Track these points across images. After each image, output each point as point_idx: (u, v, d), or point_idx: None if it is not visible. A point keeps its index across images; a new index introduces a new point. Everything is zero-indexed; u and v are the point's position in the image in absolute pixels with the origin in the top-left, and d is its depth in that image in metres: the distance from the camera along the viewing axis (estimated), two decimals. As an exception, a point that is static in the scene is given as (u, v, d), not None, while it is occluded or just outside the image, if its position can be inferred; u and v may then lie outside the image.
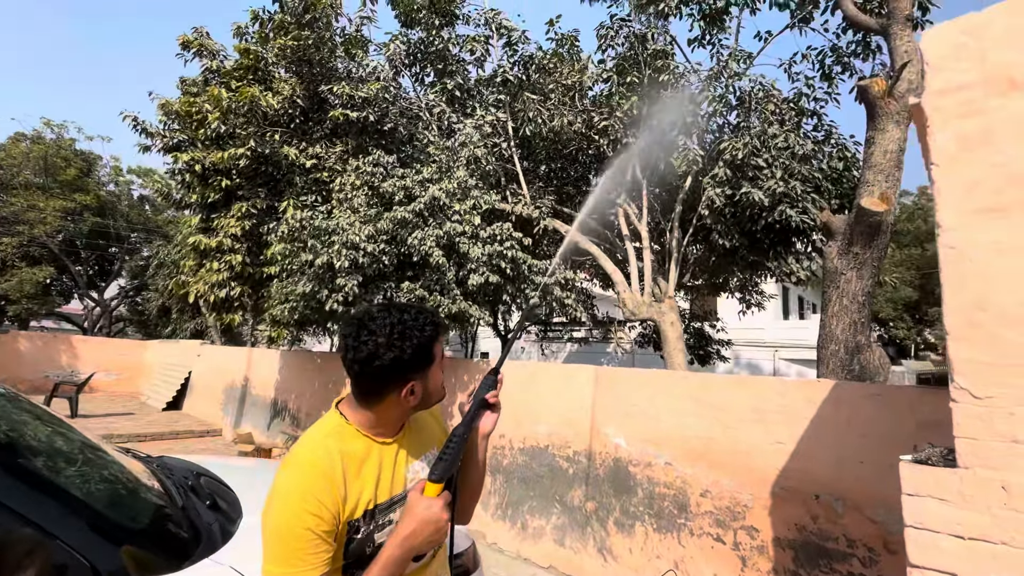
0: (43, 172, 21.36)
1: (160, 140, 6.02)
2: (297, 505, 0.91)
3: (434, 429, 1.30)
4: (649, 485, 3.74)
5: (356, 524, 1.00)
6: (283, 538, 0.90)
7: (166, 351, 14.75)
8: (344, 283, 4.15)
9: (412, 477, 1.14)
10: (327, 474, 0.97)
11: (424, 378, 1.08)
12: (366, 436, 1.07)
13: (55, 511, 1.08)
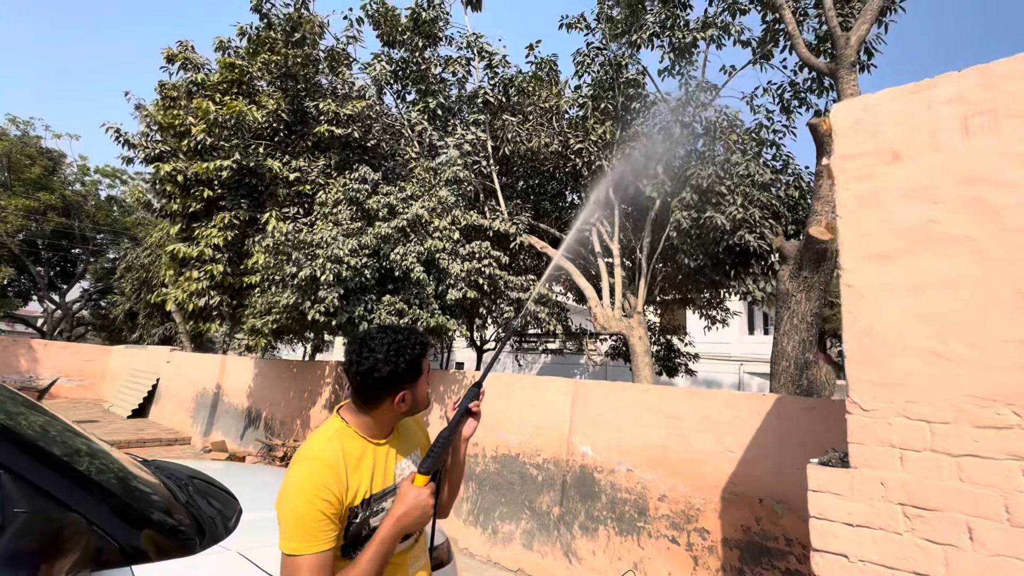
0: (5, 169, 20.64)
1: (142, 151, 6.07)
2: (310, 492, 1.13)
3: (417, 434, 1.51)
4: (612, 491, 4.00)
5: (355, 510, 1.22)
6: (300, 519, 1.11)
7: (133, 357, 14.41)
8: (326, 295, 4.32)
9: (400, 472, 1.36)
10: (333, 467, 1.18)
11: (413, 388, 1.31)
12: (363, 437, 1.29)
13: (89, 499, 1.25)
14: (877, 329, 1.67)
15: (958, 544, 1.44)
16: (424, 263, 4.88)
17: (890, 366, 1.63)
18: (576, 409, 4.37)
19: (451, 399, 5.02)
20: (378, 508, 1.27)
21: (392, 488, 1.31)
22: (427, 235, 5.10)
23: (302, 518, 1.11)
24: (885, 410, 1.62)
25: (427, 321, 4.63)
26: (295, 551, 1.09)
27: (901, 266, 1.66)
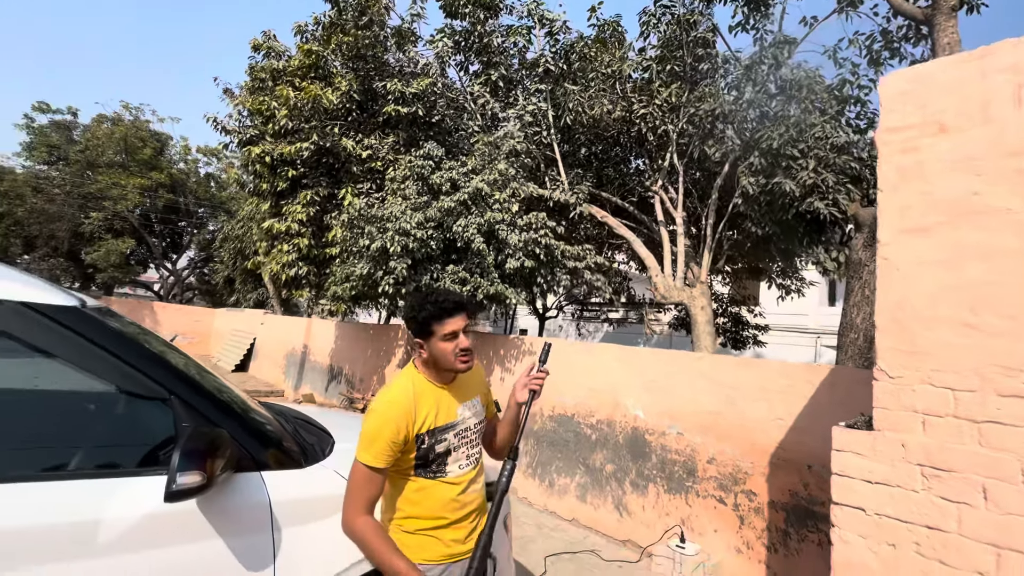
0: (123, 152, 23.25)
1: (236, 136, 6.77)
2: (383, 423, 1.45)
3: (478, 387, 1.78)
4: (662, 452, 4.19)
5: (421, 437, 1.53)
6: (372, 439, 1.44)
7: (232, 319, 16.18)
8: (396, 265, 4.74)
9: (460, 415, 1.65)
10: (404, 406, 1.49)
11: (428, 344, 1.57)
12: (428, 381, 1.59)
13: (229, 421, 1.65)
14: (909, 301, 1.72)
15: (972, 503, 1.52)
16: (484, 234, 5.16)
17: (919, 336, 1.69)
18: (629, 375, 4.55)
19: (510, 363, 5.33)
20: (440, 439, 1.57)
21: (452, 425, 1.61)
22: (487, 207, 5.36)
23: (374, 439, 1.44)
24: (911, 378, 1.69)
25: (486, 289, 4.94)
26: (360, 459, 1.44)
27: (938, 239, 1.69)
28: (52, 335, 1.39)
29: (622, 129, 8.14)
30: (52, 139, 22.92)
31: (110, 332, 1.51)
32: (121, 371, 1.48)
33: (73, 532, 1.27)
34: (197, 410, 1.56)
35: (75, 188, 22.22)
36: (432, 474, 1.58)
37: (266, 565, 1.53)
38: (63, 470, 1.38)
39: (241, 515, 1.52)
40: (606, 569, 3.81)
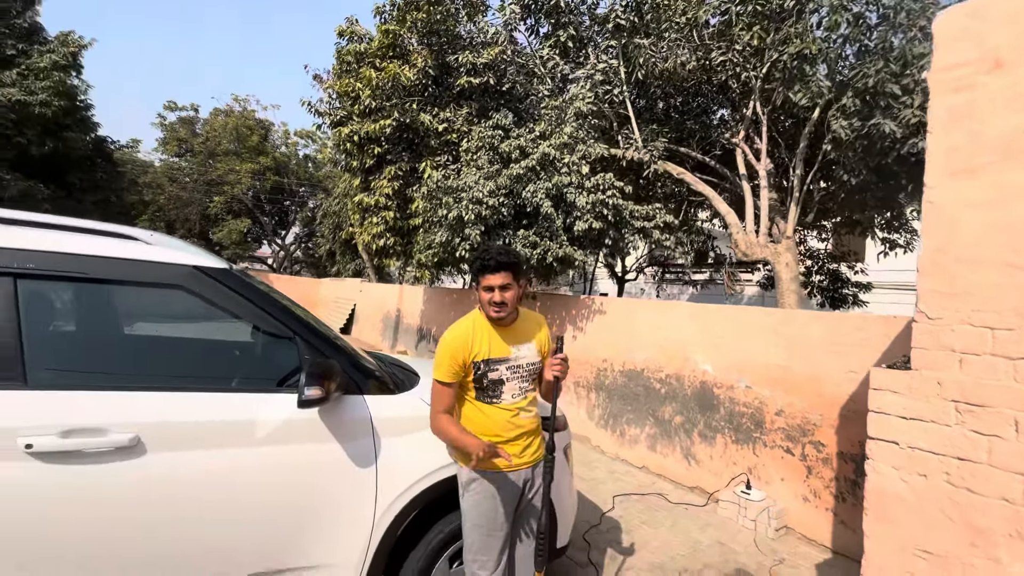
0: (236, 140, 25.93)
1: (328, 118, 7.47)
2: (451, 348, 1.84)
3: (534, 334, 2.07)
4: (730, 404, 4.27)
5: (477, 364, 1.87)
6: (439, 362, 1.83)
7: (335, 288, 17.90)
8: (470, 232, 5.13)
9: (512, 353, 1.97)
10: (462, 338, 1.86)
11: (478, 290, 1.91)
12: (487, 322, 1.93)
13: (340, 356, 2.10)
14: (952, 243, 1.74)
15: (1003, 435, 1.58)
16: (553, 198, 5.36)
17: (960, 278, 1.71)
18: (699, 331, 4.62)
19: (581, 322, 5.52)
20: (493, 367, 1.91)
21: (505, 360, 1.93)
22: (556, 171, 5.53)
23: (443, 361, 1.83)
24: (950, 318, 1.73)
25: (555, 252, 5.18)
26: (434, 376, 1.86)
27: (985, 179, 1.67)
28: (213, 289, 1.89)
29: (700, 79, 7.77)
30: (180, 133, 26.06)
31: (250, 287, 2.00)
32: (260, 316, 1.96)
33: (244, 425, 1.78)
34: (315, 347, 2.02)
35: (200, 176, 25.30)
36: (489, 399, 1.93)
37: (370, 463, 1.99)
38: (233, 386, 1.90)
39: (349, 425, 1.98)
40: (672, 510, 4.06)
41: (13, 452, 1.45)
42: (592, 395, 5.77)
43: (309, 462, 1.88)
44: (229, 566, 1.76)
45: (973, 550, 1.61)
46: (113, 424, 1.58)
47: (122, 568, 1.59)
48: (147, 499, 1.61)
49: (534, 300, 6.73)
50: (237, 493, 1.76)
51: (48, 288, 1.68)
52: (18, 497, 1.46)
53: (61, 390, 1.58)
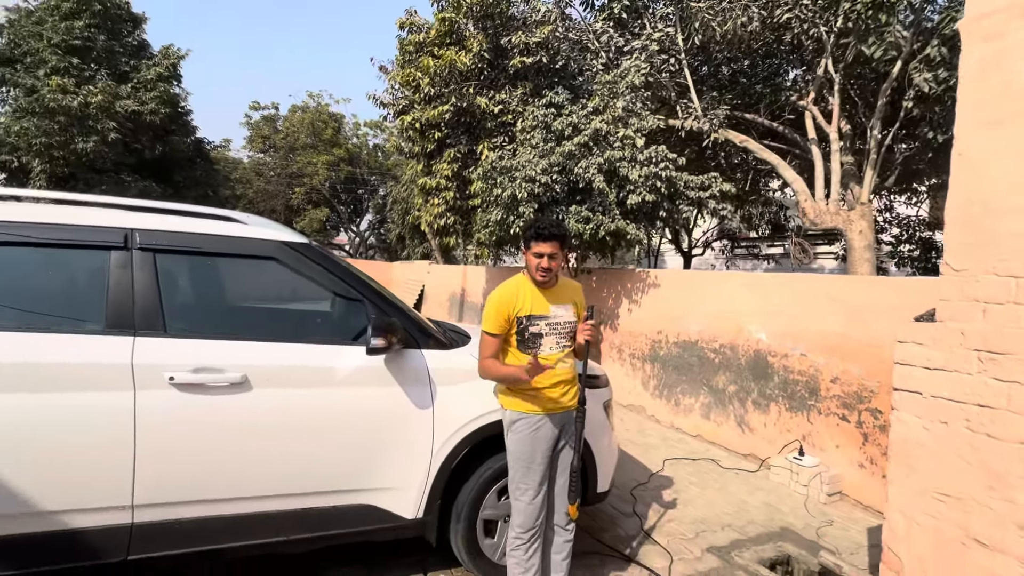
0: (312, 134, 27.68)
1: (392, 108, 7.94)
2: (497, 304, 2.11)
3: (572, 297, 2.30)
4: (784, 372, 4.24)
5: (520, 320, 2.13)
6: (487, 315, 2.11)
7: (405, 270, 18.89)
8: (524, 210, 5.35)
9: (552, 311, 2.21)
10: (507, 295, 2.12)
11: (526, 255, 2.16)
12: (530, 283, 2.18)
13: (400, 315, 2.45)
14: (980, 194, 1.74)
15: (1023, 381, 1.61)
16: (605, 173, 5.44)
17: (987, 228, 1.72)
18: (753, 300, 4.58)
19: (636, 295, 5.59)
20: (533, 323, 2.15)
21: (544, 316, 2.18)
22: (608, 146, 5.59)
23: (491, 315, 2.11)
24: (975, 268, 1.74)
25: (607, 226, 5.28)
26: (483, 328, 2.14)
27: (1015, 129, 1.66)
28: (297, 260, 2.28)
29: (766, 40, 7.38)
30: (263, 131, 28.19)
31: (327, 258, 2.38)
32: (335, 282, 2.34)
33: (326, 369, 2.18)
34: (380, 307, 2.37)
35: (283, 170, 27.33)
36: (529, 350, 2.18)
37: (427, 405, 2.33)
38: (322, 339, 2.30)
39: (409, 373, 2.32)
40: (723, 474, 4.15)
41: (160, 382, 1.92)
42: (647, 366, 5.87)
43: (376, 402, 2.25)
44: (316, 480, 2.17)
45: (990, 492, 1.66)
46: (228, 365, 2.02)
47: (232, 472, 2.04)
48: (251, 423, 2.05)
49: (589, 275, 6.88)
50: (320, 422, 2.16)
51: (176, 260, 2.14)
52: (164, 414, 1.93)
53: (190, 338, 2.03)
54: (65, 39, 14.04)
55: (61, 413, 1.82)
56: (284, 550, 2.19)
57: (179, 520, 1.98)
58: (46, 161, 13.23)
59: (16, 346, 1.81)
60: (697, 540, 3.06)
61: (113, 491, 1.88)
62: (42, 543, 1.81)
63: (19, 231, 1.92)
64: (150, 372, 1.92)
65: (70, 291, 2.04)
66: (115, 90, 13.63)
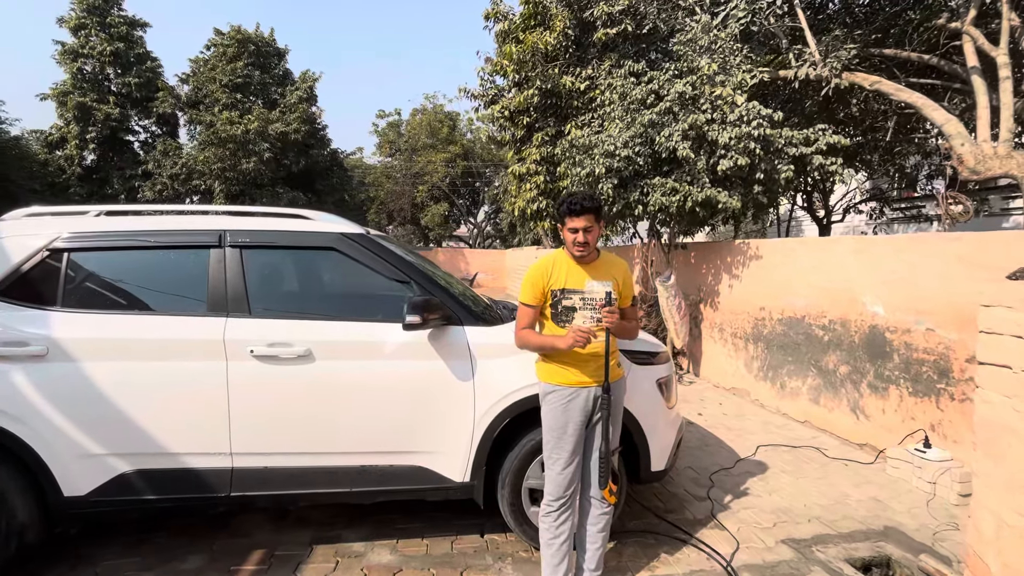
0: (431, 134, 29.57)
1: (482, 100, 8.21)
2: (532, 277, 2.15)
3: (614, 275, 2.25)
4: (906, 351, 3.62)
5: (556, 292, 2.16)
6: (524, 287, 2.17)
7: (518, 256, 19.45)
8: (603, 186, 5.21)
9: (587, 287, 2.19)
10: (544, 269, 2.16)
11: (562, 231, 2.13)
12: (568, 257, 2.19)
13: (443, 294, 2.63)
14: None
15: None
16: (691, 139, 5.06)
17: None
18: (866, 268, 3.96)
19: (737, 269, 5.14)
20: (567, 296, 2.16)
21: (579, 291, 2.17)
22: (696, 109, 5.19)
23: (527, 287, 2.16)
24: (1078, 209, 1.37)
25: (696, 196, 4.92)
26: (520, 299, 2.19)
27: None
28: (354, 248, 2.58)
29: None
30: (389, 136, 30.83)
31: (380, 246, 2.64)
32: (386, 267, 2.59)
33: (375, 344, 2.45)
34: (425, 288, 2.58)
35: (407, 170, 29.67)
36: (562, 323, 2.19)
37: (468, 377, 2.49)
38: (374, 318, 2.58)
39: (451, 348, 2.49)
40: (827, 464, 3.71)
41: (245, 354, 2.34)
42: (750, 346, 5.40)
43: (421, 373, 2.46)
44: (372, 441, 2.46)
45: (1099, 490, 1.33)
46: (295, 340, 2.38)
47: (302, 431, 2.41)
48: (314, 389, 2.39)
49: (685, 251, 6.48)
50: (371, 390, 2.44)
51: (257, 253, 2.56)
52: (247, 380, 2.35)
53: (268, 319, 2.44)
54: (231, 79, 16.84)
55: (179, 376, 2.33)
56: (351, 500, 2.53)
57: (266, 468, 2.41)
58: (223, 182, 16.11)
59: (151, 326, 2.35)
60: (773, 530, 2.81)
61: (217, 440, 2.35)
62: (169, 476, 2.34)
63: (150, 237, 2.48)
64: (237, 346, 2.34)
65: (183, 282, 2.56)
66: (267, 116, 16.03)
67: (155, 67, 18.10)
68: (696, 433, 4.36)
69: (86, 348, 2.28)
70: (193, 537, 2.69)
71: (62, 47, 17.01)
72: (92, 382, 2.27)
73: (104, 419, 2.28)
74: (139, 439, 2.31)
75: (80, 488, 2.27)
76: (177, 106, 17.77)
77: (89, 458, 2.28)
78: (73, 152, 17.12)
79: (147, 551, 2.57)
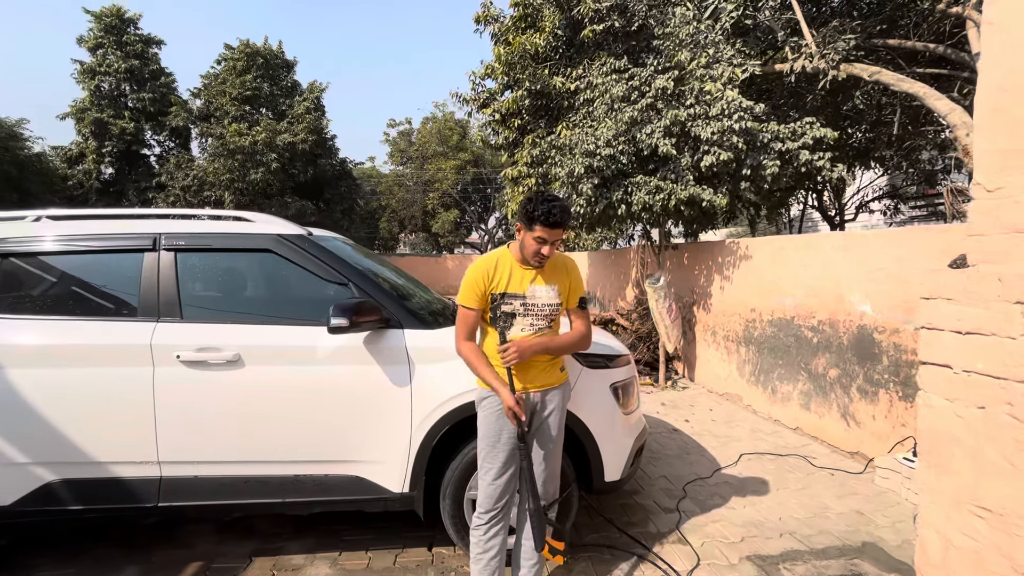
0: (441, 142, 29.74)
1: (473, 104, 8.16)
2: (472, 278, 2.01)
3: (560, 279, 2.10)
4: (895, 352, 3.39)
5: (495, 296, 2.02)
6: (463, 288, 2.02)
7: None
8: (583, 187, 5.07)
9: (529, 291, 2.05)
10: (484, 269, 2.01)
11: (524, 234, 1.98)
12: (513, 258, 2.05)
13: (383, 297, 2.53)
14: (1016, 75, 1.20)
15: (1084, 346, 1.07)
16: (674, 135, 4.90)
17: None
18: (852, 265, 3.74)
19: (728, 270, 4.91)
20: (507, 301, 2.02)
21: (520, 296, 2.03)
22: (679, 105, 5.03)
23: (466, 288, 2.02)
24: (1013, 186, 1.20)
25: (678, 194, 4.74)
26: (459, 301, 2.04)
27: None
28: (291, 250, 2.50)
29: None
30: (400, 145, 31.11)
31: (318, 247, 2.55)
32: (324, 269, 2.50)
33: (307, 348, 2.35)
34: (364, 290, 2.48)
35: (418, 178, 29.87)
36: (500, 328, 2.05)
37: (405, 383, 2.37)
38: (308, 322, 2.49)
39: (387, 352, 2.39)
40: (812, 474, 3.49)
41: (172, 360, 2.27)
42: (742, 349, 5.17)
43: (354, 378, 2.36)
44: (305, 449, 2.36)
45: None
46: (224, 344, 2.30)
47: (233, 438, 2.32)
48: (244, 394, 2.30)
49: (677, 251, 6.29)
50: (304, 396, 2.34)
51: (191, 256, 2.50)
52: (174, 387, 2.27)
53: (198, 323, 2.37)
54: (240, 92, 17.15)
55: (105, 383, 2.27)
56: (286, 511, 2.43)
57: (196, 477, 2.33)
58: (233, 193, 16.38)
59: (78, 332, 2.30)
60: (740, 546, 2.62)
61: (144, 449, 2.28)
62: (95, 486, 2.28)
63: (83, 242, 2.44)
64: (164, 351, 2.28)
65: (117, 286, 2.51)
66: (275, 127, 16.26)
67: (169, 82, 18.59)
68: (679, 440, 4.17)
69: (10, 354, 2.24)
70: (132, 548, 2.62)
71: (81, 66, 17.59)
72: (15, 389, 2.22)
73: (29, 427, 2.23)
74: (64, 448, 2.25)
75: (3, 499, 2.22)
76: (190, 120, 18.19)
77: (12, 467, 2.23)
78: (91, 166, 17.64)
79: (84, 562, 2.51)
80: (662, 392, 5.74)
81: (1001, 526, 1.23)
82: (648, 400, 5.36)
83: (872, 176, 11.88)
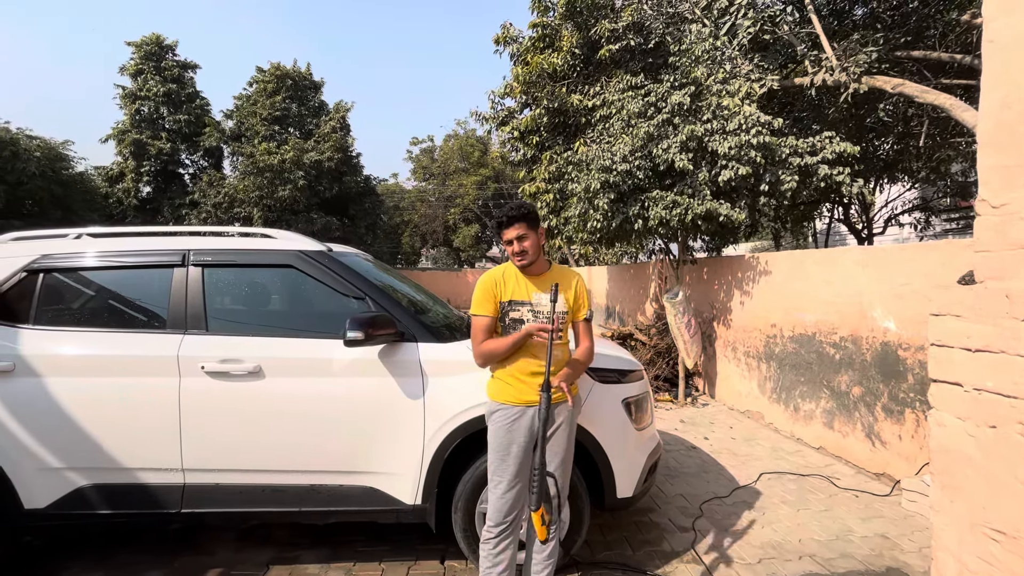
0: (462, 158, 30.22)
1: (492, 122, 8.32)
2: (483, 288, 2.10)
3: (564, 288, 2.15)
4: (921, 370, 3.29)
5: (504, 304, 2.09)
6: (478, 299, 2.10)
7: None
8: (599, 202, 5.10)
9: (535, 298, 2.11)
10: (493, 279, 2.11)
11: (501, 241, 2.06)
12: (516, 269, 2.13)
13: (399, 311, 2.59)
14: (1019, 91, 1.20)
15: (1093, 364, 1.06)
16: (691, 150, 4.91)
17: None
18: (875, 280, 3.67)
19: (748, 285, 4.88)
20: (515, 308, 2.09)
21: (527, 303, 2.10)
22: (696, 120, 5.04)
23: (478, 299, 2.11)
24: (1018, 202, 1.19)
25: (695, 208, 4.73)
26: (472, 312, 2.12)
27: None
28: (311, 266, 2.59)
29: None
30: (422, 162, 31.72)
31: (337, 263, 2.65)
32: (342, 283, 2.59)
33: (324, 360, 2.43)
34: (380, 304, 2.56)
35: (440, 194, 30.34)
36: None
37: (419, 395, 2.42)
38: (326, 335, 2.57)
39: (401, 364, 2.44)
40: (835, 495, 3.38)
41: (197, 370, 2.37)
42: (763, 366, 5.08)
43: (369, 390, 2.42)
44: (322, 460, 2.42)
45: (1059, 532, 1.12)
46: (246, 356, 2.40)
47: (249, 449, 2.40)
48: (263, 404, 2.38)
49: (693, 265, 6.24)
50: (320, 407, 2.41)
51: (218, 271, 2.62)
52: (199, 397, 2.37)
53: (222, 335, 2.47)
54: (270, 112, 17.82)
55: (136, 392, 2.38)
56: (302, 520, 2.48)
57: (217, 484, 2.41)
58: (261, 209, 16.93)
59: (112, 343, 2.43)
60: (756, 567, 2.56)
61: (169, 456, 2.38)
62: (123, 491, 2.38)
63: (119, 258, 2.59)
64: (190, 362, 2.38)
65: (149, 300, 2.64)
66: (302, 146, 16.81)
67: (203, 104, 19.45)
68: (697, 459, 4.10)
69: (50, 364, 2.37)
70: (158, 554, 2.71)
71: (123, 91, 18.57)
72: (54, 397, 2.35)
73: (64, 433, 2.35)
74: (95, 454, 2.36)
75: (39, 501, 2.34)
76: (222, 139, 18.97)
77: (49, 472, 2.35)
78: (130, 185, 18.50)
79: (111, 566, 2.61)
80: (681, 409, 5.66)
81: (1015, 549, 1.20)
82: (667, 417, 5.29)
83: (900, 188, 11.59)
